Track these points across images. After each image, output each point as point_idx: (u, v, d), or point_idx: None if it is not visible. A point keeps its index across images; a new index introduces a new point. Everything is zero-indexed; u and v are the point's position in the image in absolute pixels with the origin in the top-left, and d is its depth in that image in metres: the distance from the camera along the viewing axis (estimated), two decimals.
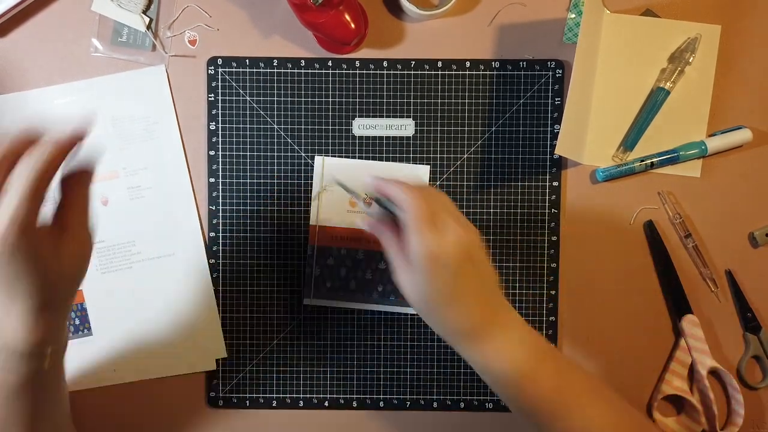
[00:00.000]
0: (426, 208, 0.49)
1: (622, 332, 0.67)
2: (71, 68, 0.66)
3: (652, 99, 0.65)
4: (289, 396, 0.67)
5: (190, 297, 0.66)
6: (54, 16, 0.66)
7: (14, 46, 0.66)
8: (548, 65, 0.66)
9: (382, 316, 0.67)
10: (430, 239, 0.48)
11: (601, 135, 0.66)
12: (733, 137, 0.65)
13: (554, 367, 0.52)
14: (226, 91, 0.66)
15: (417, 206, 0.48)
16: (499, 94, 0.66)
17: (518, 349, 0.51)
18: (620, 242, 0.67)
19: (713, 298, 0.67)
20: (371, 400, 0.67)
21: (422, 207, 0.49)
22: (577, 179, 0.67)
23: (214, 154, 0.66)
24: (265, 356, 0.67)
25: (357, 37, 0.63)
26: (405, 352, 0.67)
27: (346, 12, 0.61)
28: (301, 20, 0.62)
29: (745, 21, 0.66)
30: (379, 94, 0.66)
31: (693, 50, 0.65)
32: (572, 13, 0.66)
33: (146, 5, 0.65)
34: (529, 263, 0.67)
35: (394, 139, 0.66)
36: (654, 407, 0.66)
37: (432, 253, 0.48)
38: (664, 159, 0.65)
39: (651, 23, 0.66)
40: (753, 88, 0.66)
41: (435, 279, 0.49)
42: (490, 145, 0.66)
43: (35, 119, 0.47)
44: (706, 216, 0.67)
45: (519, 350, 0.51)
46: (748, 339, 0.66)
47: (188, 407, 0.67)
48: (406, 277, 0.50)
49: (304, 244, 0.67)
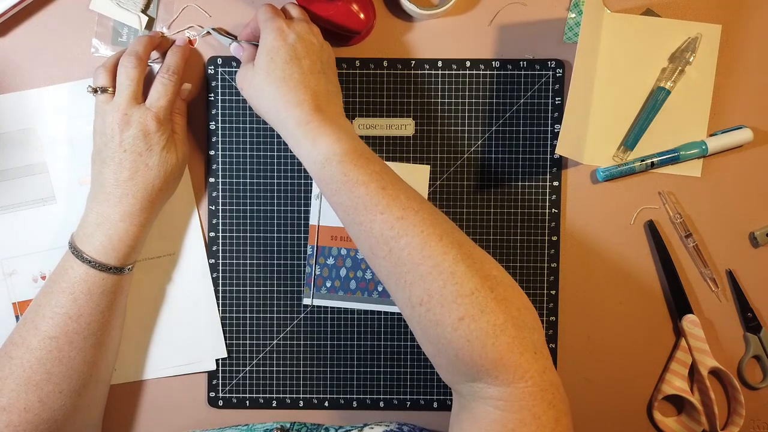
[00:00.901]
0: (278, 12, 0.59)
1: (622, 332, 0.67)
2: (71, 68, 0.66)
3: (652, 99, 0.65)
4: (289, 396, 0.67)
5: (190, 297, 0.66)
6: (54, 16, 0.66)
7: (14, 46, 0.66)
8: (548, 65, 0.66)
9: (382, 316, 0.67)
10: (280, 21, 0.57)
11: (601, 135, 0.66)
12: (733, 137, 0.65)
13: (379, 165, 0.53)
14: (226, 91, 0.66)
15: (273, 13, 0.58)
16: (499, 94, 0.66)
17: (348, 139, 0.54)
18: (620, 242, 0.67)
19: (714, 298, 0.67)
20: (371, 400, 0.67)
21: (275, 10, 0.59)
22: (578, 179, 0.67)
23: (214, 154, 0.66)
24: (265, 356, 0.67)
25: (366, 27, 0.63)
26: (405, 352, 0.67)
27: (354, 2, 0.61)
28: (309, 14, 0.62)
29: (745, 21, 0.66)
30: (379, 94, 0.66)
31: (693, 50, 0.65)
32: (572, 13, 0.66)
33: (146, 4, 0.65)
34: (529, 263, 0.66)
35: (394, 139, 0.66)
36: (654, 407, 0.66)
37: (281, 29, 0.56)
38: (664, 159, 0.65)
39: (651, 23, 0.66)
40: (753, 88, 0.66)
41: (279, 50, 0.56)
42: (490, 145, 0.66)
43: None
44: (706, 216, 0.67)
45: (348, 140, 0.54)
46: (748, 339, 0.66)
47: (188, 407, 0.67)
48: (243, 67, 0.59)
49: (304, 244, 0.67)
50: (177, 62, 0.61)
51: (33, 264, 0.65)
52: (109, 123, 0.57)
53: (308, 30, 0.58)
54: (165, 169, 0.58)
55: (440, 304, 0.48)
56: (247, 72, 0.58)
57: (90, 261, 0.56)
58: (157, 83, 0.59)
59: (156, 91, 0.59)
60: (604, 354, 0.67)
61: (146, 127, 0.57)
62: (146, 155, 0.57)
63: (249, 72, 0.58)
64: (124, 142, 0.57)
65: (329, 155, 0.53)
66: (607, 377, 0.67)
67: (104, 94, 0.58)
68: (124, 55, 0.59)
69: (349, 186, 0.52)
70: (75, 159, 0.65)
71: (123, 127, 0.57)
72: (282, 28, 0.57)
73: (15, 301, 0.65)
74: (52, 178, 0.65)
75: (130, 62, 0.58)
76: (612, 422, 0.67)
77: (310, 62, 0.57)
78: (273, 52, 0.56)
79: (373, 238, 0.51)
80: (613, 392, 0.67)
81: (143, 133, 0.57)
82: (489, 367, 0.47)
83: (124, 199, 0.57)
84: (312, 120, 0.54)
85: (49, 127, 0.65)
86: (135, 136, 0.57)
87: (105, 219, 0.57)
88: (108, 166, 0.57)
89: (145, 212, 0.58)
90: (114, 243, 0.57)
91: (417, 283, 0.49)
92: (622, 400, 0.67)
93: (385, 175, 0.53)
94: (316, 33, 0.59)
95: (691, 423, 0.66)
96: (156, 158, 0.58)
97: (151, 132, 0.57)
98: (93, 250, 0.57)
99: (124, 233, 0.57)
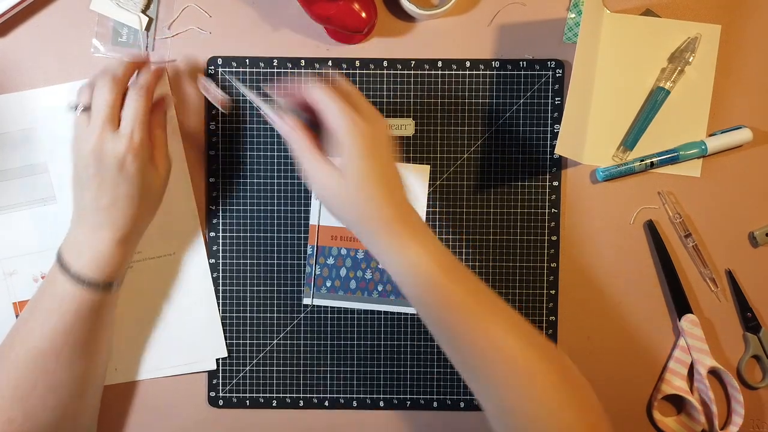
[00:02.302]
0: (342, 99, 0.52)
1: (622, 332, 0.67)
2: (71, 68, 0.66)
3: (652, 99, 0.65)
4: (289, 396, 0.67)
5: (191, 297, 0.66)
6: (54, 16, 0.66)
7: (14, 46, 0.66)
8: (548, 65, 0.66)
9: (382, 316, 0.67)
10: (360, 122, 0.51)
11: (601, 135, 0.66)
12: (733, 137, 0.65)
13: (465, 281, 0.52)
14: (226, 91, 0.66)
15: (333, 97, 0.52)
16: (499, 94, 0.66)
17: (433, 254, 0.51)
18: (620, 242, 0.67)
19: (713, 298, 0.67)
20: (371, 400, 0.67)
21: (339, 97, 0.52)
22: (577, 179, 0.67)
23: (214, 154, 0.66)
24: (265, 356, 0.67)
25: (368, 25, 0.63)
26: (405, 352, 0.67)
27: (355, 1, 0.61)
28: (310, 14, 0.62)
29: (745, 21, 0.66)
30: (379, 94, 0.66)
31: (693, 50, 0.65)
32: (572, 13, 0.66)
33: (146, 5, 0.65)
34: (528, 263, 0.67)
35: (394, 139, 0.66)
36: (654, 407, 0.66)
37: (353, 128, 0.50)
38: (664, 159, 0.65)
39: (651, 23, 0.66)
40: (753, 88, 0.66)
41: (355, 156, 0.50)
42: (490, 145, 0.66)
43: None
44: (706, 216, 0.67)
45: (433, 255, 0.51)
46: (747, 339, 0.66)
47: (188, 407, 0.67)
48: (319, 168, 0.52)
49: (304, 244, 0.67)
50: (148, 79, 0.58)
51: (33, 264, 0.65)
52: (85, 150, 0.54)
53: (378, 115, 0.54)
54: (146, 193, 0.57)
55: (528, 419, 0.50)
56: (330, 178, 0.52)
57: (78, 277, 0.55)
58: (128, 104, 0.55)
59: (127, 115, 0.55)
60: (604, 354, 0.67)
61: (121, 158, 0.54)
62: (124, 185, 0.55)
63: (333, 179, 0.52)
64: (101, 171, 0.54)
65: (418, 271, 0.51)
66: (606, 377, 0.67)
67: (83, 113, 0.56)
68: (101, 75, 0.55)
69: (438, 304, 0.51)
70: None
71: (98, 156, 0.54)
72: (359, 126, 0.51)
73: (15, 301, 0.65)
74: (52, 178, 0.65)
75: (105, 84, 0.54)
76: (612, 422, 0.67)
77: (389, 158, 0.53)
78: (360, 160, 0.51)
79: (461, 354, 0.52)
80: (612, 392, 0.67)
81: (119, 163, 0.54)
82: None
83: (105, 225, 0.55)
84: (398, 233, 0.52)
85: (49, 127, 0.65)
86: (111, 166, 0.54)
87: (90, 239, 0.56)
88: (88, 190, 0.55)
89: (129, 234, 0.57)
90: (99, 261, 0.55)
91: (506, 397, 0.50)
92: (621, 400, 0.67)
93: (474, 290, 0.52)
94: (383, 119, 0.55)
95: (690, 423, 0.66)
96: (135, 186, 0.55)
97: (127, 163, 0.54)
98: (81, 267, 0.55)
99: (108, 254, 0.56)
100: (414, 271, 0.51)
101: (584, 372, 0.67)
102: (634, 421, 0.67)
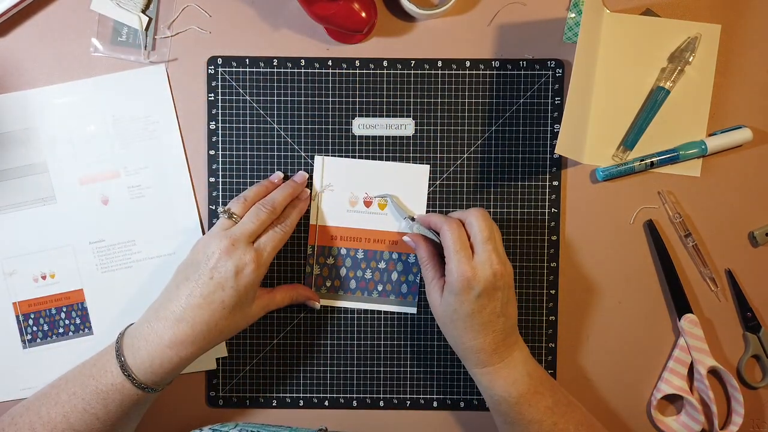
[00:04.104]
0: (464, 239, 0.58)
1: (621, 332, 0.67)
2: (71, 68, 0.66)
3: (652, 98, 0.65)
4: (289, 396, 0.67)
5: None
6: (54, 16, 0.66)
7: (14, 46, 0.66)
8: (548, 65, 0.66)
9: (382, 316, 0.67)
10: (466, 264, 0.56)
11: (601, 134, 0.66)
12: (733, 137, 0.65)
13: (552, 399, 0.58)
14: (226, 90, 0.66)
15: (457, 236, 0.57)
16: (499, 94, 0.66)
17: (523, 381, 0.57)
18: (620, 242, 0.67)
19: (713, 298, 0.67)
20: (371, 399, 0.67)
21: (462, 237, 0.57)
22: (577, 179, 0.67)
23: (214, 154, 0.66)
24: (265, 356, 0.67)
25: (368, 25, 0.63)
26: (405, 352, 0.67)
27: (355, 1, 0.61)
28: (310, 14, 0.62)
29: (745, 21, 0.66)
30: (379, 94, 0.66)
31: (693, 50, 0.65)
32: (572, 13, 0.66)
33: (145, 4, 0.65)
34: (529, 263, 0.67)
35: (394, 138, 0.66)
36: (654, 406, 0.66)
37: (466, 278, 0.56)
38: (664, 158, 0.65)
39: (651, 23, 0.66)
40: (753, 88, 0.66)
41: (463, 300, 0.56)
42: (490, 145, 0.66)
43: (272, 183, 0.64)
44: (706, 215, 0.67)
45: (523, 382, 0.57)
46: (747, 338, 0.66)
47: (188, 407, 0.67)
48: (437, 294, 0.60)
49: (304, 244, 0.67)
50: (295, 219, 0.63)
51: (33, 264, 0.65)
52: (214, 245, 0.56)
53: (493, 261, 0.57)
54: (236, 312, 0.57)
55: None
56: (432, 296, 0.60)
57: (128, 374, 0.55)
58: (271, 231, 0.60)
59: (267, 236, 0.59)
60: (604, 353, 0.67)
61: (242, 265, 0.56)
62: (227, 291, 0.56)
63: (433, 299, 0.60)
64: (216, 269, 0.56)
65: (505, 396, 0.57)
66: (606, 377, 0.67)
67: (230, 219, 0.59)
68: (264, 201, 0.60)
69: (523, 424, 0.57)
70: (75, 159, 0.66)
71: (223, 255, 0.56)
72: (460, 268, 0.56)
73: (15, 301, 0.66)
74: (52, 178, 0.65)
75: (265, 208, 0.59)
76: (612, 421, 0.67)
77: (488, 302, 0.57)
78: (451, 296, 0.57)
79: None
80: (612, 392, 0.67)
81: (237, 268, 0.56)
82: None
83: (181, 324, 0.55)
84: (490, 363, 0.58)
85: (49, 127, 0.65)
86: (228, 268, 0.56)
87: (154, 338, 0.55)
88: (188, 283, 0.56)
89: (194, 346, 0.56)
90: (155, 367, 0.55)
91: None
92: (621, 400, 0.67)
93: (557, 407, 0.58)
94: (497, 265, 0.57)
95: (690, 422, 0.66)
96: (234, 298, 0.56)
97: (245, 272, 0.56)
98: (134, 364, 0.55)
99: (167, 360, 0.55)
100: (496, 401, 0.59)
101: (584, 372, 0.67)
102: (634, 420, 0.67)
